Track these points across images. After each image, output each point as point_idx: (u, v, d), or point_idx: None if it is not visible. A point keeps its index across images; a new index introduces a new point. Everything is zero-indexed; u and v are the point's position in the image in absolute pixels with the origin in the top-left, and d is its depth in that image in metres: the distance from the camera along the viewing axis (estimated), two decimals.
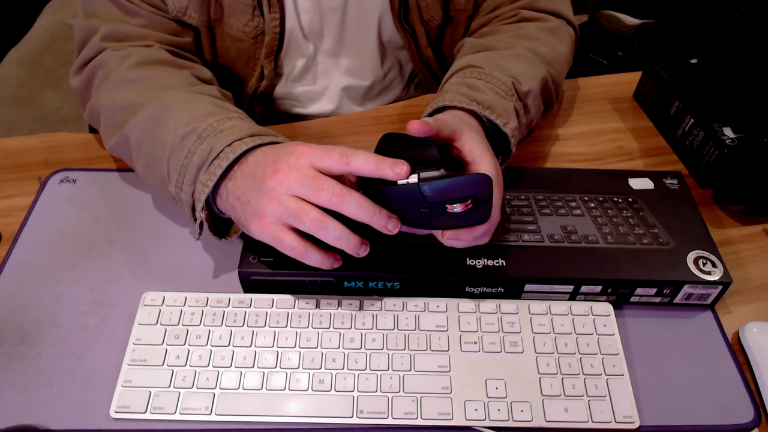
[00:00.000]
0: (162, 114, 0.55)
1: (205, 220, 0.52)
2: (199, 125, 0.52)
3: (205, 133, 0.52)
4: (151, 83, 0.58)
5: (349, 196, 0.45)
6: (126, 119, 0.57)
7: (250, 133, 0.52)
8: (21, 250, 0.59)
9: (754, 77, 0.71)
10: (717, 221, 0.65)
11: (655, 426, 0.49)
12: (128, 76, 0.59)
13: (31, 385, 0.50)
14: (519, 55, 0.63)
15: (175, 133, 0.52)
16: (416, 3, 0.69)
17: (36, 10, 2.17)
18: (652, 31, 1.51)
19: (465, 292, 0.55)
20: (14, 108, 1.87)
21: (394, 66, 0.80)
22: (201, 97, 0.57)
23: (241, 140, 0.51)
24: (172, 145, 0.53)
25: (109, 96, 0.59)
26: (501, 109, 0.57)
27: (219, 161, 0.50)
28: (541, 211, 0.59)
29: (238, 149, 0.50)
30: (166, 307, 0.54)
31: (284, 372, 0.50)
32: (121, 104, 0.58)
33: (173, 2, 0.64)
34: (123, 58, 0.60)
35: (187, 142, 0.52)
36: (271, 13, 0.66)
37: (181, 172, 0.52)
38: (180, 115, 0.54)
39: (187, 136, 0.52)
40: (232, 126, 0.52)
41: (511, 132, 0.57)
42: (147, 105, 0.56)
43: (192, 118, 0.53)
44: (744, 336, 0.54)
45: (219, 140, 0.51)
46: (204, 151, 0.51)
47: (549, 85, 0.64)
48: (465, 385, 0.50)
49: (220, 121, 0.52)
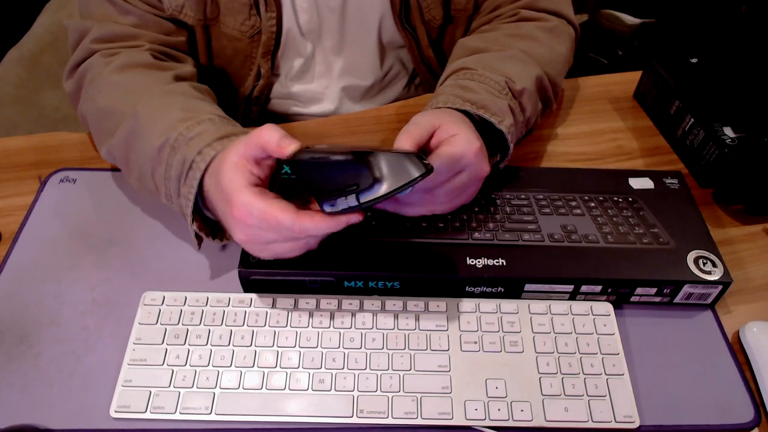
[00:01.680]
0: (137, 126, 0.55)
1: (198, 230, 0.53)
2: (171, 135, 0.52)
3: (176, 144, 0.52)
4: (129, 87, 0.59)
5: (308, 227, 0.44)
6: (108, 129, 0.58)
7: (218, 135, 0.52)
8: (21, 250, 0.59)
9: (754, 77, 0.71)
10: (717, 221, 0.65)
11: (655, 426, 0.49)
12: (109, 80, 0.60)
13: (31, 385, 0.50)
14: (511, 56, 0.63)
15: (151, 145, 0.53)
16: (417, 3, 0.69)
17: (36, 10, 2.17)
18: (653, 30, 1.51)
19: (465, 291, 0.55)
20: (14, 108, 1.87)
21: (394, 65, 0.80)
22: (173, 100, 0.57)
23: (209, 146, 0.51)
24: (152, 158, 0.53)
25: (92, 102, 0.60)
26: (495, 108, 0.57)
27: (193, 172, 0.50)
28: (541, 210, 0.59)
29: (208, 156, 0.50)
30: (166, 307, 0.54)
31: (284, 372, 0.50)
32: (102, 110, 0.59)
33: (169, 0, 0.64)
34: (107, 63, 0.61)
35: (163, 155, 0.52)
36: (267, 12, 0.66)
37: (166, 185, 0.53)
38: (153, 126, 0.54)
39: (162, 148, 0.52)
40: (201, 132, 0.52)
41: (507, 129, 0.57)
42: (125, 116, 0.56)
43: (164, 128, 0.53)
44: (744, 336, 0.54)
45: (190, 149, 0.51)
46: (179, 162, 0.51)
47: (545, 84, 0.64)
48: (465, 384, 0.50)
49: (189, 128, 0.52)
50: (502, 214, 0.58)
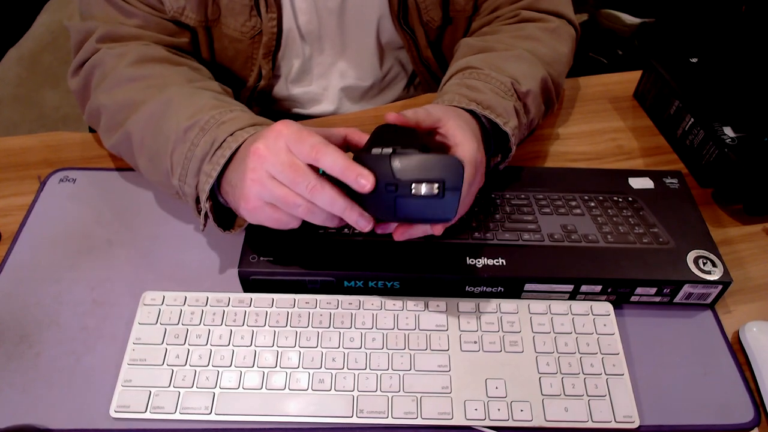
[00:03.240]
0: (165, 109, 0.55)
1: (210, 210, 0.52)
2: (202, 117, 0.52)
3: (207, 126, 0.52)
4: (151, 81, 0.59)
5: (321, 191, 0.45)
6: (127, 117, 0.58)
7: (251, 122, 0.52)
8: (21, 249, 0.59)
9: (754, 77, 0.71)
10: (717, 221, 0.65)
11: (655, 426, 0.49)
12: (127, 74, 0.59)
13: (31, 385, 0.50)
14: (517, 56, 0.63)
15: (178, 126, 0.53)
16: (415, 4, 0.69)
17: (36, 9, 2.17)
18: (652, 30, 1.51)
19: (465, 291, 0.55)
20: (14, 107, 1.87)
21: (393, 66, 0.80)
22: (202, 92, 0.58)
23: (242, 129, 0.51)
24: (175, 138, 0.53)
25: (109, 95, 0.59)
26: (501, 109, 0.57)
27: (222, 151, 0.50)
28: (541, 210, 0.59)
29: (240, 138, 0.50)
30: (166, 307, 0.54)
31: (284, 371, 0.50)
32: (122, 103, 0.58)
33: (170, 2, 0.63)
34: (120, 56, 0.60)
35: (191, 135, 0.52)
36: (268, 13, 0.66)
37: (185, 164, 0.52)
38: (182, 109, 0.54)
39: (190, 128, 0.52)
40: (234, 117, 0.53)
41: (511, 131, 0.57)
42: (148, 102, 0.56)
43: (194, 111, 0.53)
44: (744, 336, 0.54)
45: (221, 131, 0.51)
46: (207, 142, 0.51)
47: (549, 85, 0.64)
48: (465, 384, 0.50)
49: (222, 113, 0.53)
50: (501, 213, 0.58)
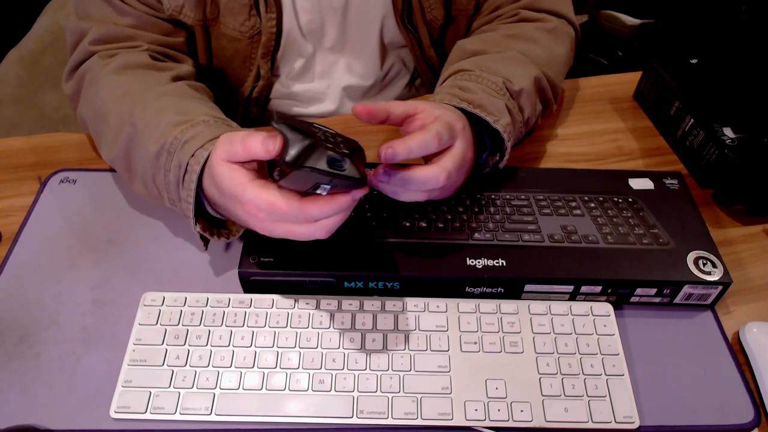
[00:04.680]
0: (135, 133, 0.55)
1: (203, 231, 0.53)
2: (167, 140, 0.52)
3: (172, 148, 0.52)
4: (125, 89, 0.59)
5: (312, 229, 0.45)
6: (105, 132, 0.58)
7: (210, 137, 0.51)
8: (21, 250, 0.59)
9: (754, 77, 0.71)
10: (717, 221, 0.65)
11: (655, 426, 0.49)
12: (106, 82, 0.60)
13: (31, 385, 0.50)
14: (509, 57, 0.63)
15: (148, 152, 0.53)
16: (419, 3, 0.69)
17: (36, 10, 2.17)
18: (652, 31, 1.51)
19: (465, 292, 0.55)
20: (14, 108, 1.87)
21: (395, 65, 0.80)
22: (168, 103, 0.57)
23: (201, 147, 0.50)
24: (152, 165, 0.53)
25: (90, 104, 0.60)
26: (492, 107, 0.57)
27: (189, 175, 0.50)
28: (541, 211, 0.59)
29: (201, 158, 0.50)
30: (166, 308, 0.54)
31: (284, 372, 0.50)
32: (98, 112, 0.59)
33: (168, 1, 0.64)
34: (104, 65, 0.61)
35: (161, 161, 0.52)
36: (267, 12, 0.66)
37: (168, 190, 0.53)
38: (150, 132, 0.54)
39: (159, 154, 0.52)
40: (195, 134, 0.52)
41: (503, 128, 0.57)
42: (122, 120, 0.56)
43: (160, 133, 0.53)
44: (744, 336, 0.54)
45: (184, 153, 0.51)
46: (175, 167, 0.51)
47: (543, 85, 0.64)
48: (465, 385, 0.50)
49: (183, 132, 0.52)
50: (502, 214, 0.58)
